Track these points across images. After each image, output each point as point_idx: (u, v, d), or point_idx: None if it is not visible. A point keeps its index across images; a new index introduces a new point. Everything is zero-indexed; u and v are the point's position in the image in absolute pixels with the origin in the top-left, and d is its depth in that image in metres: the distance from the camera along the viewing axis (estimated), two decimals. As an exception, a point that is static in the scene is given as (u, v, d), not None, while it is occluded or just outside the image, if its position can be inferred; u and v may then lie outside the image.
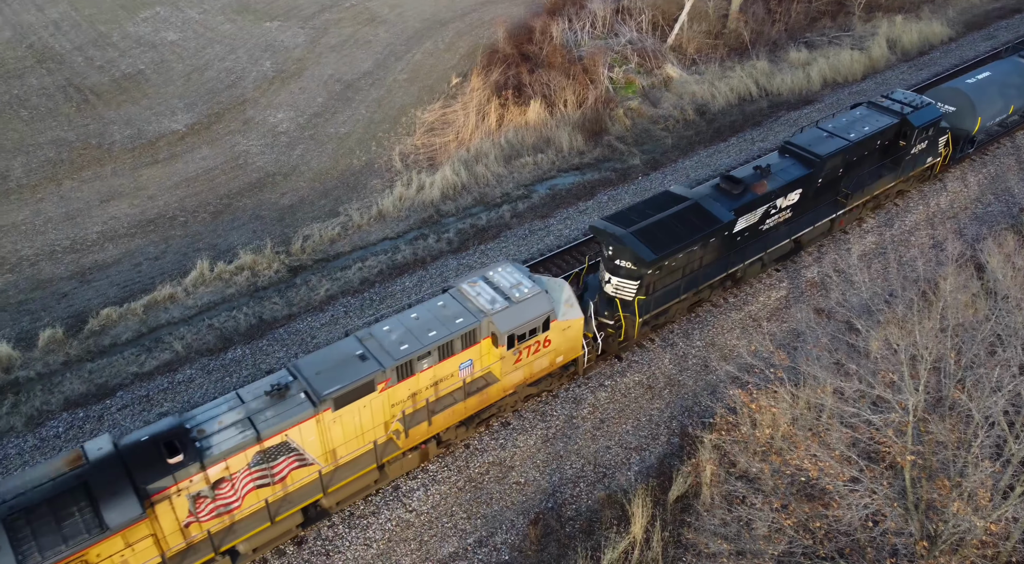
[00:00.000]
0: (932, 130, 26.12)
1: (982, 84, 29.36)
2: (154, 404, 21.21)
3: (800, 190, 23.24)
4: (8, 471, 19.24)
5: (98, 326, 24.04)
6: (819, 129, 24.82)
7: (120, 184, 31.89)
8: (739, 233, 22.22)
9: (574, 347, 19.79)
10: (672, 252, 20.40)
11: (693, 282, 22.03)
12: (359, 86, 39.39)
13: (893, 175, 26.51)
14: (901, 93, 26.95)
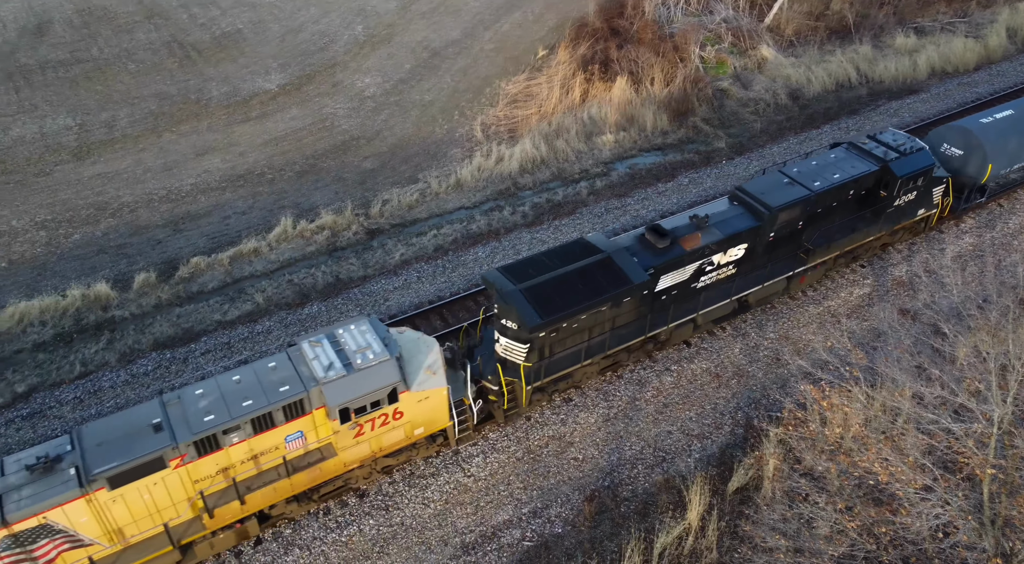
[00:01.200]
0: (923, 180, 22.50)
1: (999, 126, 25.01)
2: (235, 352, 22.26)
3: (746, 245, 20.40)
4: (102, 402, 20.62)
5: (187, 273, 25.31)
6: (781, 173, 21.54)
7: (214, 139, 33.22)
8: (664, 292, 19.67)
9: (437, 419, 17.52)
10: (566, 315, 17.85)
11: (602, 345, 19.35)
12: (446, 54, 39.57)
13: (872, 228, 22.88)
14: (891, 134, 23.26)
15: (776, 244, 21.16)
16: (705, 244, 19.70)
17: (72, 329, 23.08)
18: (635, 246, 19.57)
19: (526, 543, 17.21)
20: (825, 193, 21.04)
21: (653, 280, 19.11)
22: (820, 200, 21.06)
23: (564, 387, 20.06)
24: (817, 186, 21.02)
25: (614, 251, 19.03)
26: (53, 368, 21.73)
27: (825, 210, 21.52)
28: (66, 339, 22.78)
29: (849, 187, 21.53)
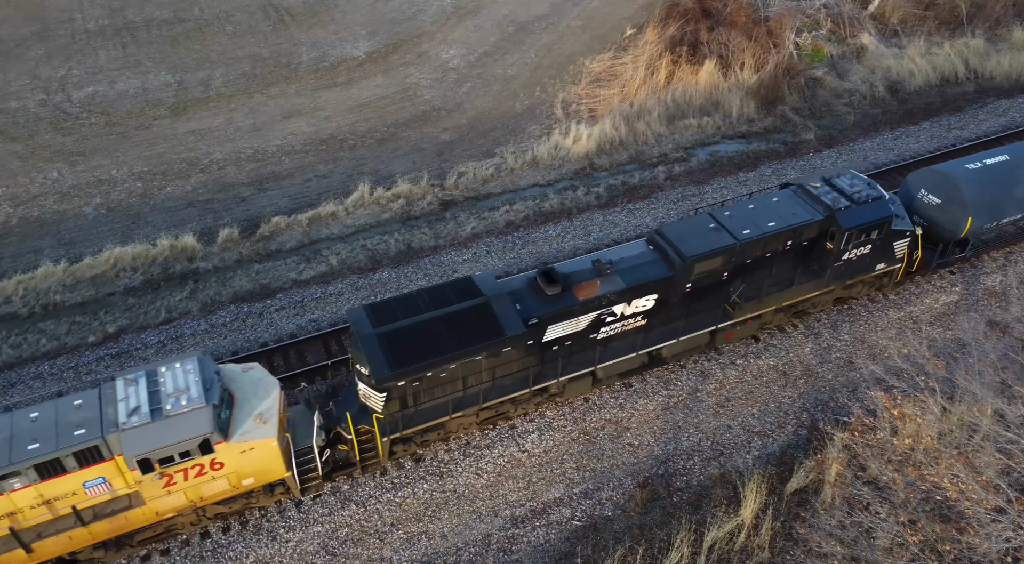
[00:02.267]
0: (878, 233, 19.95)
1: (986, 173, 21.78)
2: (307, 310, 23.04)
3: (655, 295, 18.59)
4: (183, 348, 21.74)
5: (268, 232, 26.25)
6: (711, 217, 19.44)
7: (301, 103, 34.11)
8: (555, 342, 18.10)
9: (269, 469, 16.06)
10: (424, 367, 16.46)
11: (480, 397, 17.77)
12: (532, 29, 39.30)
13: (817, 283, 20.51)
14: (849, 178, 20.74)
15: (695, 295, 19.06)
16: (603, 294, 17.85)
17: (160, 277, 24.35)
18: (523, 291, 17.85)
19: (575, 522, 17.34)
20: (754, 242, 18.74)
21: (536, 330, 17.48)
22: (748, 250, 18.84)
23: (436, 438, 18.44)
24: (746, 234, 18.71)
25: (495, 296, 17.33)
26: (141, 312, 23.01)
27: (756, 261, 19.22)
28: (154, 286, 24.07)
29: (786, 236, 19.15)
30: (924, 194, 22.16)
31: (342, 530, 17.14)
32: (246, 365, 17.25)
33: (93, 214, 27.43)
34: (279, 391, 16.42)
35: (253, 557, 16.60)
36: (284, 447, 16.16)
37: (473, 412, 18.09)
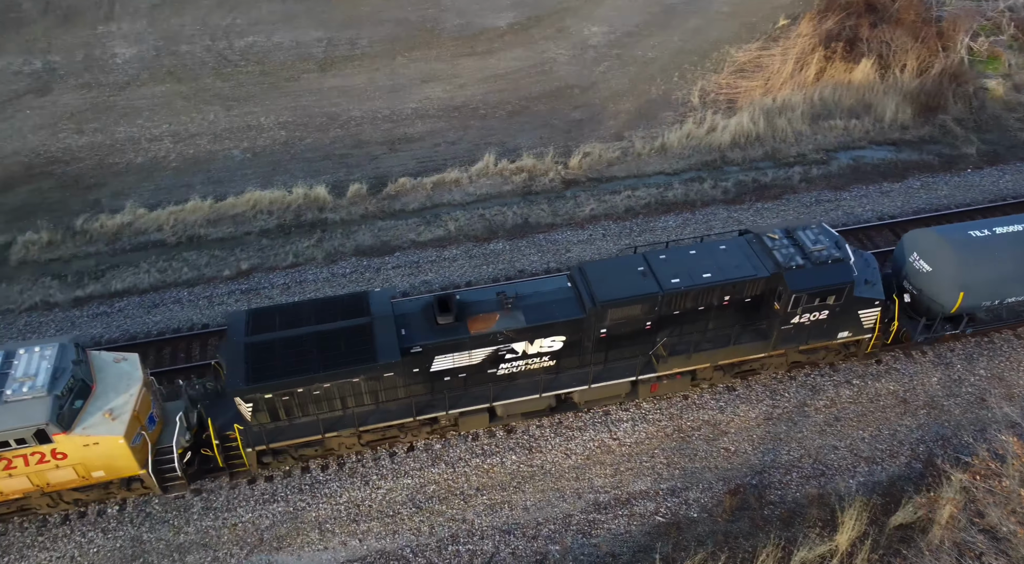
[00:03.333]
0: (835, 298, 17.77)
1: (992, 243, 18.79)
2: (421, 271, 23.74)
3: (563, 337, 17.35)
4: (304, 293, 22.98)
5: (394, 191, 27.16)
6: (643, 259, 17.89)
7: (440, 69, 34.83)
8: (446, 373, 17.22)
9: (120, 465, 15.91)
10: (285, 384, 15.94)
11: (360, 419, 17.10)
12: (679, 12, 38.11)
13: (762, 345, 18.57)
14: (815, 232, 18.44)
15: (612, 342, 17.73)
16: (499, 329, 16.78)
17: (291, 223, 25.79)
18: (416, 316, 17.03)
19: (658, 517, 17.11)
20: (682, 294, 17.21)
21: (422, 359, 16.70)
22: (675, 301, 17.32)
23: (314, 454, 17.87)
24: (674, 284, 17.14)
25: (380, 318, 16.70)
26: (271, 254, 24.50)
27: (687, 313, 17.65)
28: (285, 231, 25.53)
29: (723, 291, 17.44)
30: (916, 258, 19.23)
31: (430, 486, 17.75)
32: (120, 355, 17.02)
33: (240, 157, 29.34)
34: (139, 387, 16.16)
35: (346, 497, 17.52)
36: (139, 445, 16.04)
37: (351, 434, 17.43)
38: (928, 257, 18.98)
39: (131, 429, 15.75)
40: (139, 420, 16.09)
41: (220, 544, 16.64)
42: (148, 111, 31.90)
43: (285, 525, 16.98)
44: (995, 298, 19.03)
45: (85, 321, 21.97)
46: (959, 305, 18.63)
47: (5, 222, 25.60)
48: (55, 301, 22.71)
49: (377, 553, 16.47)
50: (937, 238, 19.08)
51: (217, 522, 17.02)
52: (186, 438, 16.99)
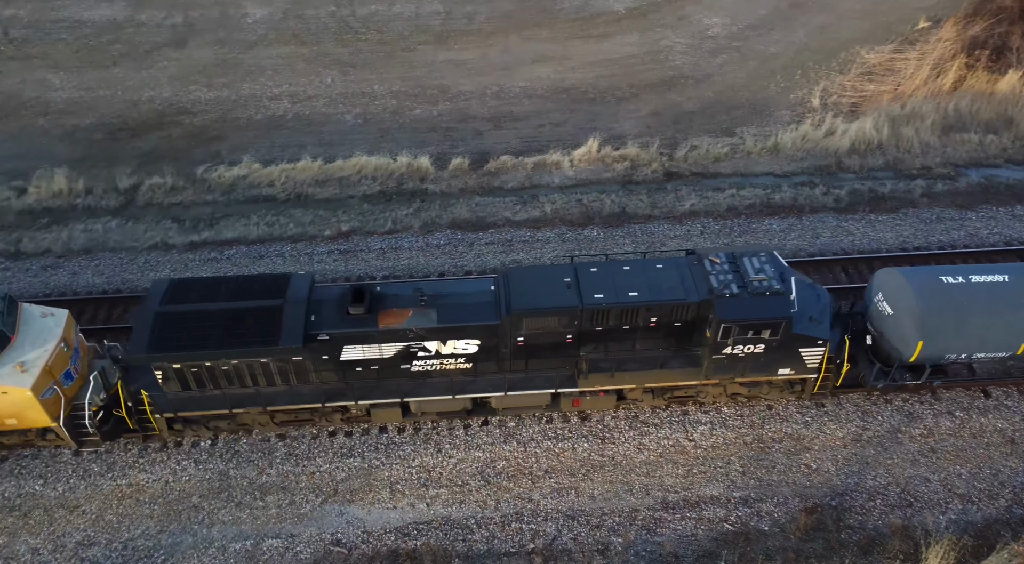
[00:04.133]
0: (771, 332, 16.53)
1: (963, 292, 16.83)
2: (513, 250, 23.88)
3: (478, 341, 16.88)
4: (398, 260, 23.58)
5: (494, 168, 27.35)
6: (572, 270, 17.14)
7: (552, 50, 34.65)
8: (357, 363, 17.00)
9: (31, 416, 16.51)
10: (184, 357, 16.08)
11: (270, 399, 17.20)
12: (808, 7, 36.31)
13: (695, 371, 17.60)
14: (761, 260, 17.11)
15: (532, 351, 17.22)
16: (409, 327, 16.47)
17: (393, 190, 26.45)
18: (330, 303, 16.79)
19: (727, 525, 16.71)
20: (604, 310, 16.44)
21: (330, 347, 16.56)
22: (597, 317, 16.59)
23: (227, 427, 18.17)
24: (596, 299, 16.38)
25: (292, 303, 16.52)
26: (371, 218, 25.24)
27: (612, 331, 16.95)
28: (387, 197, 26.22)
29: (650, 312, 16.59)
30: (880, 299, 17.74)
31: (500, 462, 17.98)
32: (49, 310, 17.50)
33: (351, 122, 30.26)
34: (56, 343, 16.63)
35: (419, 461, 18.01)
36: (51, 398, 16.54)
37: (260, 412, 17.65)
38: (891, 299, 17.42)
39: (41, 382, 16.30)
40: (52, 375, 16.59)
41: (297, 489, 17.48)
42: (271, 71, 33.33)
43: (359, 480, 17.65)
44: (962, 352, 17.30)
45: (197, 265, 23.35)
46: (917, 355, 17.02)
47: (136, 165, 27.45)
48: (173, 243, 24.26)
49: (442, 519, 16.88)
50: (902, 280, 17.28)
51: (297, 469, 17.87)
52: (100, 396, 17.44)
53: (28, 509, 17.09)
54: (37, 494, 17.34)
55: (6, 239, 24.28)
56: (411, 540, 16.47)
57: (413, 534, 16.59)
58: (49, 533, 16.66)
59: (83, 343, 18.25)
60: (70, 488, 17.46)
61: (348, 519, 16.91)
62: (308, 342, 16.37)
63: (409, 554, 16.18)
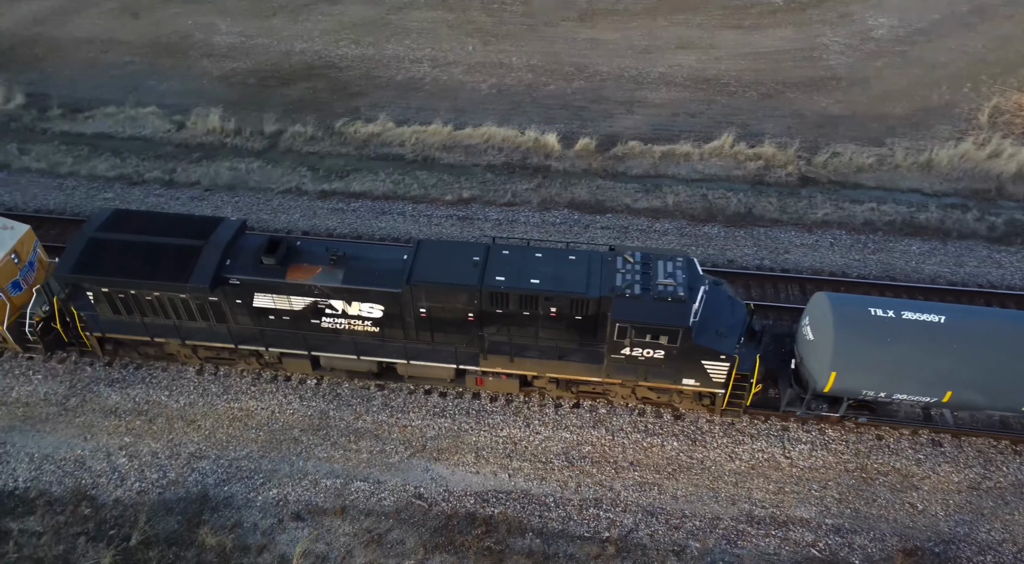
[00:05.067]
0: (669, 339, 16.12)
1: (888, 327, 15.80)
2: (628, 237, 23.52)
3: (382, 307, 17.26)
4: (513, 233, 23.79)
5: (621, 152, 26.92)
6: (485, 248, 17.24)
7: (698, 37, 33.51)
8: (270, 312, 17.67)
9: None
10: (106, 283, 17.37)
11: (187, 333, 18.36)
12: (991, 14, 33.14)
13: (596, 368, 17.44)
14: (674, 264, 16.70)
15: (436, 324, 17.44)
16: (315, 284, 17.00)
17: (517, 163, 26.61)
18: (250, 251, 17.44)
19: (814, 551, 15.95)
20: (504, 294, 16.41)
21: (242, 292, 17.31)
22: (497, 299, 16.57)
23: (155, 354, 19.55)
24: (496, 282, 16.41)
25: (212, 245, 17.32)
26: (491, 188, 25.55)
27: (513, 316, 16.87)
28: (510, 169, 26.43)
29: (550, 302, 16.44)
30: (807, 323, 16.93)
31: (586, 446, 17.95)
32: (10, 223, 19.37)
33: (485, 91, 30.60)
34: (5, 254, 18.46)
35: (507, 432, 18.27)
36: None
37: (179, 345, 18.76)
38: (814, 325, 16.63)
39: None
40: None
41: (389, 439, 18.20)
42: (416, 34, 34.16)
43: (447, 441, 18.13)
44: (881, 390, 16.15)
45: (324, 213, 24.53)
46: (831, 386, 16.15)
47: (282, 112, 29.03)
48: (305, 189, 25.57)
49: (522, 492, 17.09)
50: (826, 306, 16.31)
51: (391, 419, 18.58)
52: (43, 309, 18.91)
53: (153, 416, 18.74)
54: (162, 404, 18.97)
55: (163, 168, 26.40)
56: (489, 506, 16.79)
57: (492, 501, 16.90)
58: (168, 440, 18.21)
59: (42, 259, 20.05)
60: (190, 403, 18.97)
61: (432, 476, 17.44)
62: (220, 284, 17.26)
63: (485, 519, 16.51)
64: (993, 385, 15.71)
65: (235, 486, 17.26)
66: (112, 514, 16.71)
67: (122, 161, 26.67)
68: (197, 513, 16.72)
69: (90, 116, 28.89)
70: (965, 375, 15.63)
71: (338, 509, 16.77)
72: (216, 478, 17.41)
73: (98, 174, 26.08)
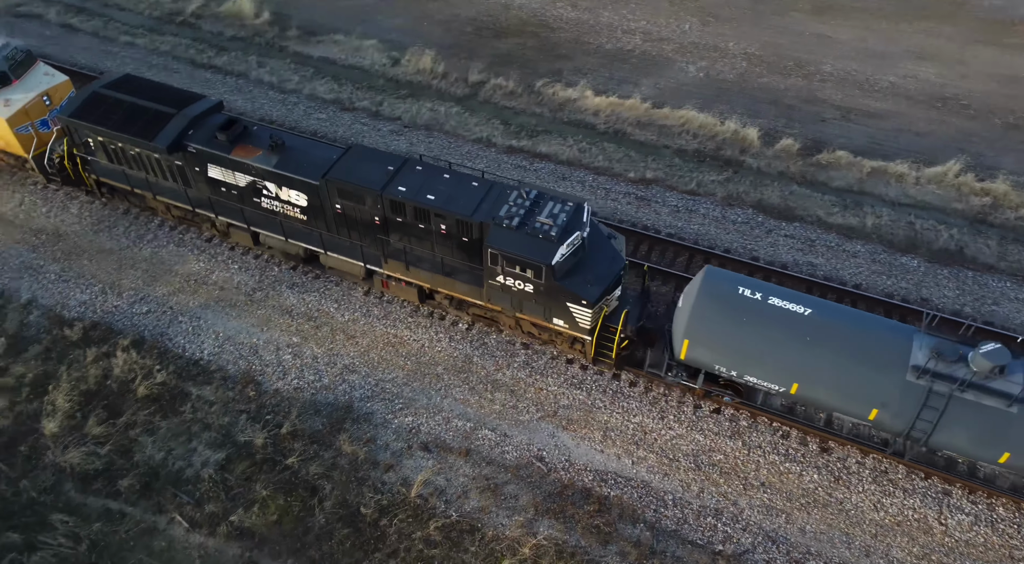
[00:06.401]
0: (535, 274, 16.78)
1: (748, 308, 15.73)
2: (813, 252, 21.93)
3: (306, 197, 18.93)
4: (688, 222, 23.01)
5: (824, 160, 25.03)
6: (402, 160, 18.35)
7: (945, 49, 30.09)
8: (221, 183, 19.95)
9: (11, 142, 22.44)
10: (90, 128, 20.35)
11: (146, 184, 21.43)
12: None
13: (477, 291, 18.41)
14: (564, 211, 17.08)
15: (348, 222, 19.01)
16: (252, 164, 18.89)
17: (708, 152, 25.58)
18: (211, 125, 19.62)
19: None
20: (401, 203, 17.63)
21: (198, 161, 19.60)
22: (396, 207, 17.81)
23: (138, 205, 23.05)
24: (398, 191, 17.60)
25: (183, 116, 19.67)
26: (677, 173, 24.77)
27: (410, 226, 18.11)
28: (700, 157, 25.47)
29: (439, 219, 17.49)
30: (684, 291, 17.32)
31: (718, 455, 17.30)
32: (52, 70, 23.15)
33: (692, 74, 29.53)
34: (38, 94, 22.01)
35: (639, 419, 18.02)
36: (27, 135, 22.24)
37: (152, 198, 21.92)
38: (686, 293, 16.99)
39: (17, 119, 22.02)
40: (28, 116, 22.20)
41: (524, 397, 18.58)
42: (635, 4, 33.50)
43: (578, 412, 18.21)
44: (733, 368, 16.29)
45: (507, 168, 25.06)
46: (685, 354, 16.62)
47: (488, 64, 29.79)
48: (494, 142, 26.21)
49: (642, 483, 16.85)
50: (700, 277, 16.69)
51: (529, 379, 18.92)
52: (61, 148, 22.24)
53: (320, 323, 20.40)
54: (330, 314, 20.58)
55: (372, 99, 28.14)
56: (607, 487, 16.75)
57: (610, 483, 16.84)
58: (328, 348, 19.78)
59: None
60: (353, 320, 20.42)
61: (557, 442, 17.64)
62: (179, 149, 19.68)
63: (600, 499, 16.50)
64: (839, 387, 15.27)
65: (377, 404, 18.47)
66: (271, 402, 18.52)
67: (339, 86, 28.70)
68: (340, 420, 18.11)
69: (321, 41, 31.28)
70: (810, 370, 15.36)
71: (463, 450, 17.46)
72: (362, 393, 18.72)
73: (317, 95, 28.28)
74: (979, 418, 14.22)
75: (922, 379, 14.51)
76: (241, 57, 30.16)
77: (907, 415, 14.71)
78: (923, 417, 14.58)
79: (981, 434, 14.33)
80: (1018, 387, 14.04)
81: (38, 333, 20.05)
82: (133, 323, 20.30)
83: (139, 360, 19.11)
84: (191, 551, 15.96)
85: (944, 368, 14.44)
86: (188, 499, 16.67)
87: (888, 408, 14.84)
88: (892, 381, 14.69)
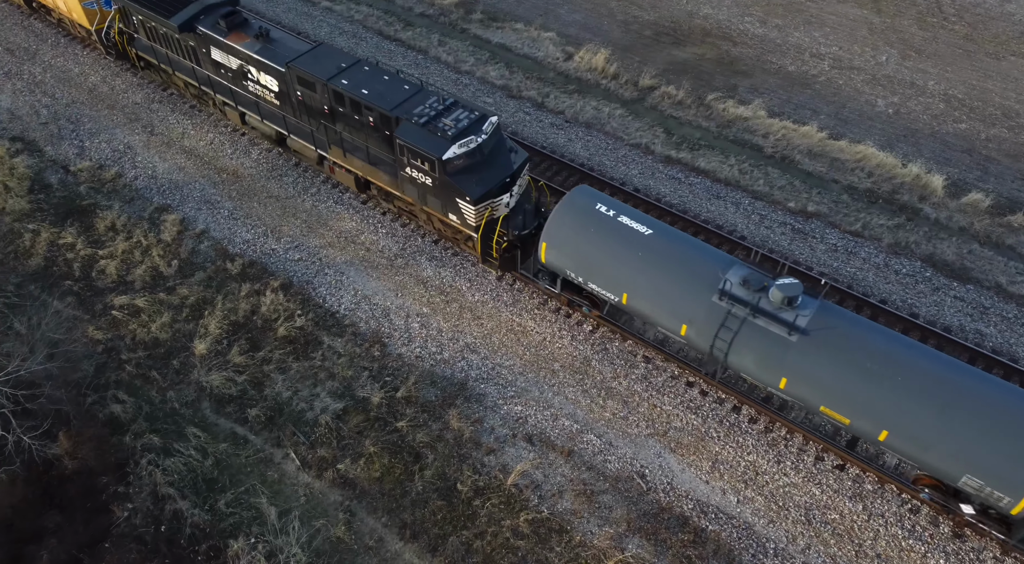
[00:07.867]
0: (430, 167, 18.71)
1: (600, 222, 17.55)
2: (985, 320, 19.88)
3: (276, 82, 21.41)
4: (845, 264, 21.51)
5: (1018, 224, 22.58)
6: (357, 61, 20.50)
7: None
8: (220, 65, 22.84)
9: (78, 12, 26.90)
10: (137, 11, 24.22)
11: (168, 61, 25.03)
12: None
13: (389, 176, 20.49)
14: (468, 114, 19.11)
15: (306, 109, 21.14)
16: (240, 48, 21.53)
17: (882, 194, 23.74)
18: (217, 15, 22.47)
19: None
20: (339, 94, 19.64)
21: (203, 42, 22.61)
22: (335, 97, 19.89)
23: (167, 82, 26.91)
24: (340, 84, 19.56)
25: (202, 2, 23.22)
26: (842, 211, 23.19)
27: (349, 117, 20.12)
28: (871, 198, 23.69)
29: (367, 111, 19.44)
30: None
31: (833, 514, 16.14)
32: None
33: (881, 108, 27.51)
34: None
35: (753, 458, 17.14)
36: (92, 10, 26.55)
37: (171, 74, 25.81)
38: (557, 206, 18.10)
39: None
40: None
41: (636, 410, 18.20)
42: (830, 28, 31.65)
43: (690, 437, 17.60)
44: (579, 275, 17.84)
45: (662, 178, 24.51)
46: (544, 257, 18.23)
47: (662, 70, 29.25)
48: (652, 149, 25.73)
49: (744, 524, 16.05)
50: (570, 192, 18.16)
51: (644, 392, 18.50)
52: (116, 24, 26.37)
53: (451, 299, 20.99)
54: (461, 291, 21.12)
55: (540, 90, 28.46)
56: (706, 520, 16.10)
57: (711, 516, 16.17)
58: (454, 324, 20.32)
59: None
60: (482, 301, 20.84)
61: (662, 463, 17.15)
62: (190, 30, 22.89)
63: (697, 530, 15.89)
64: (658, 301, 16.52)
65: (490, 387, 18.76)
66: (393, 365, 19.31)
67: (510, 74, 29.25)
68: (453, 395, 18.57)
69: (501, 27, 32.00)
70: (638, 283, 16.65)
71: (565, 450, 17.39)
72: (478, 373, 19.08)
73: (488, 79, 28.99)
74: (764, 343, 15.23)
75: (723, 301, 15.60)
76: (425, 34, 31.44)
77: (708, 333, 15.84)
78: (721, 336, 15.65)
79: (766, 358, 15.30)
80: (804, 320, 14.98)
81: (205, 261, 22.04)
82: (285, 267, 21.82)
83: (284, 302, 20.53)
84: (298, 488, 16.99)
85: (745, 295, 15.50)
86: (304, 439, 17.75)
87: (694, 325, 16.07)
88: (700, 301, 15.91)
